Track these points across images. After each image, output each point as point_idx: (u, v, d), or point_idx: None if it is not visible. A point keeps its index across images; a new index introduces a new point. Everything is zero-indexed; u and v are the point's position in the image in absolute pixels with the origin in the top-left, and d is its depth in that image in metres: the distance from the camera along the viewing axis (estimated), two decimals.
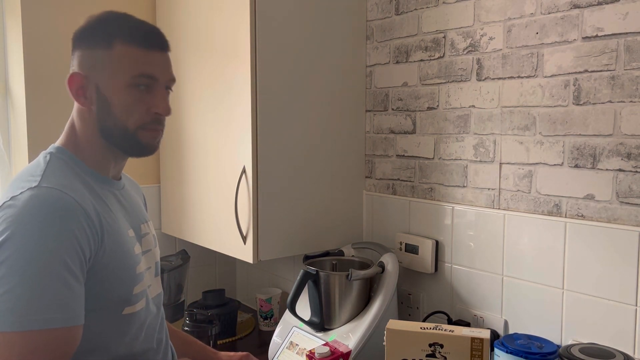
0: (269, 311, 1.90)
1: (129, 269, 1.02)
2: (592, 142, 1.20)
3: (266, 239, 1.55)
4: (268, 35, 1.51)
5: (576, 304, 1.23)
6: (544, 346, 1.17)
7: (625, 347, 1.14)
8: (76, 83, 1.02)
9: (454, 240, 1.48)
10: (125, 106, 1.00)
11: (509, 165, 1.36)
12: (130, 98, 1.00)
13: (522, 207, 1.34)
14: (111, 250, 0.97)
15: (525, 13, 1.30)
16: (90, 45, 1.02)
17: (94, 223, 0.94)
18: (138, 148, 1.05)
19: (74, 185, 0.97)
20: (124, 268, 1.00)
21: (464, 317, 1.45)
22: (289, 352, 1.48)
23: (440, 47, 1.49)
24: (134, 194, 1.21)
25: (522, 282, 1.33)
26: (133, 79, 1.00)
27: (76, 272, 0.90)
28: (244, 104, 1.52)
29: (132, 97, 1.00)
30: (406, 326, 1.12)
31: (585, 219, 1.22)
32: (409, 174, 1.61)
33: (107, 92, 1.00)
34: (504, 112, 1.36)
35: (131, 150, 1.06)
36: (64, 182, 0.96)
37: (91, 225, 0.94)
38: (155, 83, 1.02)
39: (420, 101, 1.56)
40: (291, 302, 1.46)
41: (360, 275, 1.43)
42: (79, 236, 0.91)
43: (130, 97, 1.00)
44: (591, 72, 1.19)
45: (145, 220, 1.17)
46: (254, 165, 1.52)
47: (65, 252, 0.88)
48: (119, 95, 1.00)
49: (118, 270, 0.99)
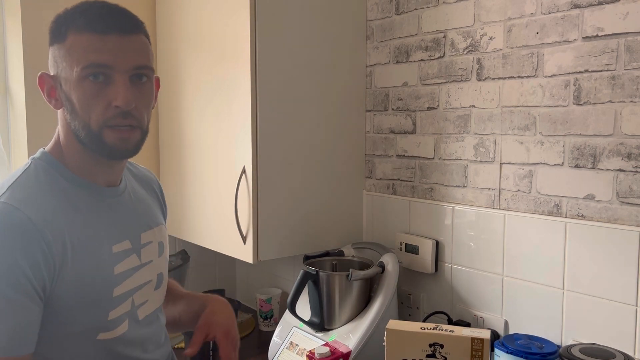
0: (269, 311, 1.90)
1: (102, 292, 0.92)
2: (593, 142, 1.20)
3: (266, 239, 1.55)
4: (268, 35, 1.50)
5: (576, 304, 1.23)
6: (544, 346, 1.17)
7: (626, 347, 1.14)
8: (45, 84, 0.95)
9: (454, 241, 1.48)
10: (83, 103, 0.90)
11: (509, 165, 1.36)
12: (85, 93, 0.89)
13: (523, 207, 1.33)
14: (77, 274, 0.88)
15: (526, 13, 1.30)
16: (51, 40, 0.94)
17: (50, 246, 0.84)
18: (106, 150, 0.92)
19: (43, 199, 0.88)
20: (94, 292, 0.91)
21: (464, 318, 1.45)
22: (289, 352, 1.47)
23: (441, 47, 1.49)
24: (143, 194, 1.12)
25: (522, 283, 1.33)
26: (83, 71, 0.88)
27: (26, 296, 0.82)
28: (244, 103, 1.52)
29: (87, 91, 0.89)
30: (406, 326, 1.12)
31: (586, 219, 1.22)
32: (409, 174, 1.61)
33: (67, 89, 0.91)
34: (504, 112, 1.36)
35: (101, 152, 0.94)
36: (30, 196, 0.87)
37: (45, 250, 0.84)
38: (112, 72, 0.89)
39: (420, 101, 1.56)
40: (291, 303, 1.46)
41: (360, 276, 1.43)
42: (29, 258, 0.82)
43: (84, 91, 0.89)
44: (591, 72, 1.19)
45: (151, 227, 1.07)
46: (254, 165, 1.52)
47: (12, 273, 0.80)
48: (75, 91, 0.90)
49: (87, 295, 0.90)
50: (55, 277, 0.86)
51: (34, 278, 0.82)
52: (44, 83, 0.95)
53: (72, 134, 0.93)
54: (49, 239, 0.85)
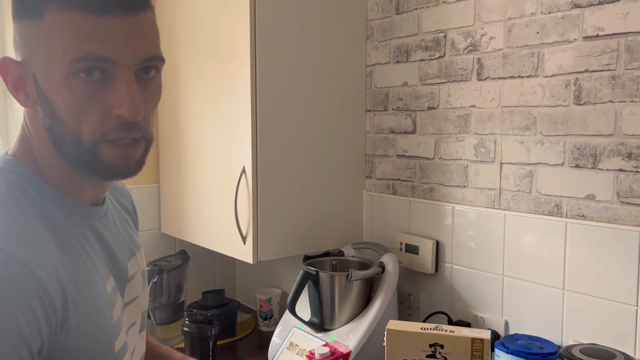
0: (269, 311, 1.90)
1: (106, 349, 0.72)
2: (593, 142, 1.20)
3: (266, 239, 1.55)
4: (268, 35, 1.50)
5: (577, 305, 1.23)
6: (544, 347, 1.17)
7: (626, 348, 1.14)
8: (9, 73, 0.69)
9: (455, 241, 1.47)
10: (70, 107, 0.66)
11: (509, 165, 1.36)
12: (74, 95, 0.65)
13: (523, 207, 1.33)
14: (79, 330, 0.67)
15: (526, 12, 1.30)
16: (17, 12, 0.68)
17: (50, 297, 0.63)
18: (101, 170, 0.70)
19: (30, 230, 0.65)
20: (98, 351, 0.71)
21: (465, 318, 1.45)
22: (288, 352, 1.47)
23: (441, 46, 1.49)
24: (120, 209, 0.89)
25: (522, 283, 1.33)
26: (73, 65, 0.64)
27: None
28: (244, 103, 1.51)
29: (76, 92, 0.65)
30: (406, 326, 1.12)
31: (586, 219, 1.22)
32: (409, 174, 1.61)
33: (46, 87, 0.66)
34: (505, 112, 1.36)
35: (93, 172, 0.71)
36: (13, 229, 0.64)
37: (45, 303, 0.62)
38: (113, 68, 0.66)
39: (420, 101, 1.56)
40: (291, 303, 1.45)
41: (360, 276, 1.43)
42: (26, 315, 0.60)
43: (73, 93, 0.65)
44: (592, 71, 1.19)
45: (134, 253, 0.85)
46: (254, 165, 1.51)
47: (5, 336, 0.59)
48: (60, 92, 0.65)
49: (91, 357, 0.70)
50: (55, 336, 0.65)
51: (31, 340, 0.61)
52: (7, 72, 0.69)
53: (50, 143, 0.70)
54: (49, 289, 0.63)
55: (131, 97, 0.66)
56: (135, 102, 0.66)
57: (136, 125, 0.68)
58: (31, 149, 0.72)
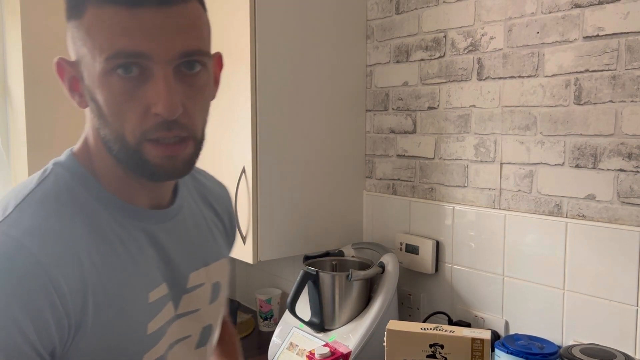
0: (269, 312, 1.90)
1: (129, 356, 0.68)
2: (593, 142, 1.20)
3: (266, 240, 1.55)
4: (268, 35, 1.50)
5: (577, 305, 1.23)
6: (544, 347, 1.17)
7: (626, 348, 1.14)
8: (65, 74, 0.70)
9: (455, 241, 1.47)
10: (112, 106, 0.65)
11: (509, 165, 1.36)
12: (113, 92, 0.64)
13: (523, 207, 1.33)
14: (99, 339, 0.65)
15: (526, 12, 1.30)
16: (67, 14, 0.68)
17: (64, 299, 0.61)
18: (148, 170, 0.68)
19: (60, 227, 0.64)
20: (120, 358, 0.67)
21: (465, 318, 1.45)
22: (288, 352, 1.47)
23: (441, 46, 1.49)
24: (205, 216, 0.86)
25: (522, 283, 1.33)
26: (108, 62, 0.63)
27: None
28: (244, 103, 1.51)
29: (115, 90, 0.64)
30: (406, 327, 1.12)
31: (586, 219, 1.21)
32: (409, 174, 1.61)
33: (91, 85, 0.66)
34: (505, 112, 1.36)
35: (141, 173, 0.69)
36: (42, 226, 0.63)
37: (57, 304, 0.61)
38: (150, 63, 0.63)
39: (420, 101, 1.56)
40: (291, 303, 1.45)
41: (360, 276, 1.42)
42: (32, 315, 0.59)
43: (112, 90, 0.64)
44: (592, 71, 1.19)
45: (207, 263, 0.81)
46: (254, 165, 1.51)
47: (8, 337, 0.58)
48: (101, 90, 0.65)
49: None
50: (69, 341, 0.63)
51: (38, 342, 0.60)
52: (63, 72, 0.69)
53: (101, 143, 0.70)
54: (64, 290, 0.61)
55: (167, 94, 0.63)
56: (172, 99, 0.63)
57: (177, 123, 0.66)
58: (88, 148, 0.73)
